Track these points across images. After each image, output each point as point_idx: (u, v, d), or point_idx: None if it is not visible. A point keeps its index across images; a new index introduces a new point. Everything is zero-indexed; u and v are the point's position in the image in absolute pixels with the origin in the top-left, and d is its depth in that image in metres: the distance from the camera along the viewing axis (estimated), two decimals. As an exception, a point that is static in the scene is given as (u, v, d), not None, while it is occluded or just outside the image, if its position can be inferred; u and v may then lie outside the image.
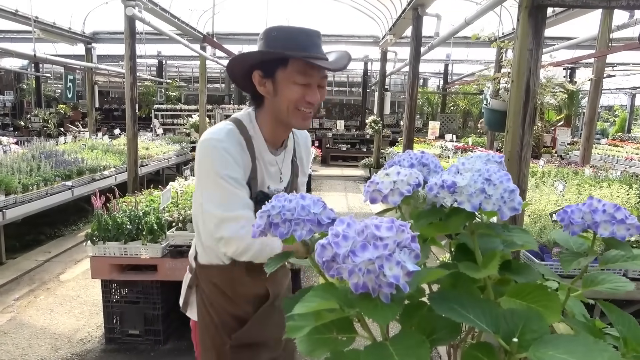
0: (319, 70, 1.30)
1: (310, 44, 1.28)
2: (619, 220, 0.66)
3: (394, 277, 0.56)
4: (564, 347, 0.61)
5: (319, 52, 1.30)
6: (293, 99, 1.30)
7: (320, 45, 1.32)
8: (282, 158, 1.45)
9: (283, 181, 1.46)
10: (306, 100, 1.30)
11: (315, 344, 0.73)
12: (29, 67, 15.60)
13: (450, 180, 0.73)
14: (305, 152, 1.58)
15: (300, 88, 1.29)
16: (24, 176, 5.06)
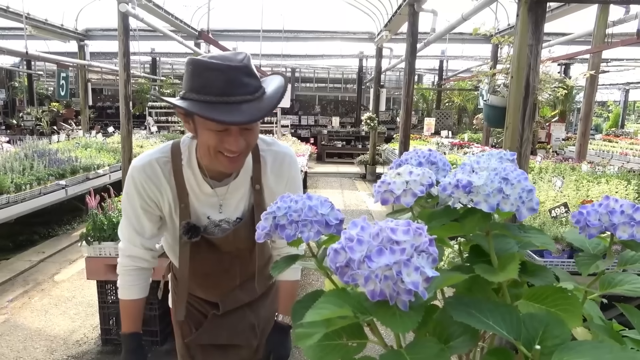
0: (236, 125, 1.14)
1: (223, 86, 1.09)
2: (639, 222, 0.63)
3: (413, 284, 0.53)
4: (590, 354, 0.58)
5: (237, 95, 1.10)
6: (211, 145, 1.17)
7: (246, 84, 1.11)
8: (225, 189, 1.33)
9: (225, 211, 1.34)
10: (225, 147, 1.16)
11: (324, 351, 0.70)
12: (21, 64, 15.43)
13: (465, 179, 0.70)
14: (277, 179, 1.36)
15: (216, 135, 1.15)
16: (16, 175, 4.99)
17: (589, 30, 6.33)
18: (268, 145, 1.38)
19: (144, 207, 1.32)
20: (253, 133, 1.20)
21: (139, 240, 1.36)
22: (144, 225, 1.35)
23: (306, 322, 0.67)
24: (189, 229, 1.29)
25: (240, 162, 1.24)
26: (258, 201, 1.35)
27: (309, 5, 9.63)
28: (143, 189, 1.29)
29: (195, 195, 1.32)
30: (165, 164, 1.30)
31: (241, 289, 1.51)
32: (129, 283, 1.41)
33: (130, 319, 1.41)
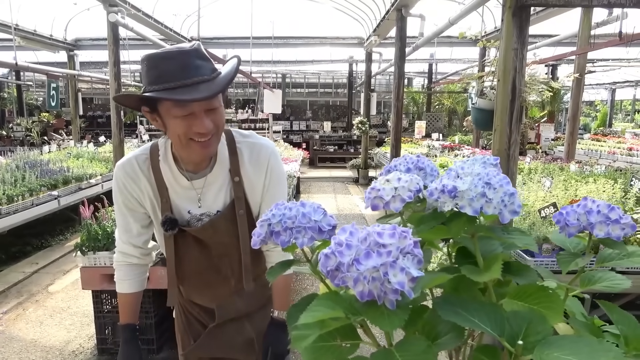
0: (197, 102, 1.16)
1: (179, 71, 1.13)
2: (614, 221, 0.67)
3: (399, 284, 0.56)
4: (568, 348, 0.61)
5: (192, 77, 1.13)
6: (180, 132, 1.20)
7: (199, 67, 1.15)
8: (202, 182, 1.35)
9: (203, 206, 1.36)
10: (194, 132, 1.19)
11: (319, 352, 0.73)
12: (10, 75, 15.34)
13: (450, 185, 0.74)
14: (255, 169, 1.37)
15: (182, 120, 1.18)
16: (8, 187, 4.98)
17: (574, 32, 6.44)
18: (244, 137, 1.40)
19: (127, 205, 1.37)
20: (218, 113, 1.22)
21: (126, 237, 1.42)
22: (130, 223, 1.40)
23: (301, 324, 0.70)
24: (165, 221, 1.33)
25: (212, 147, 1.26)
26: (238, 193, 1.35)
27: (298, 11, 9.69)
28: (124, 186, 1.35)
29: (174, 189, 1.35)
30: (144, 161, 1.34)
31: (239, 296, 1.50)
32: (121, 277, 1.47)
33: (125, 311, 1.47)
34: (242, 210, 1.36)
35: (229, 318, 1.51)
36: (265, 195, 1.40)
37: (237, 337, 1.52)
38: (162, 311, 3.19)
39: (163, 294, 3.09)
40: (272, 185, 1.39)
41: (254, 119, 12.50)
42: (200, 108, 1.18)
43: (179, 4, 8.27)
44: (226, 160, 1.35)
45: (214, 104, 1.20)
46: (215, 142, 1.27)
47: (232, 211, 1.36)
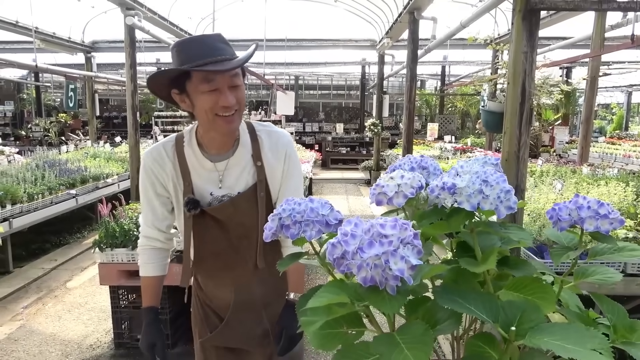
0: (222, 73, 1.28)
1: (206, 51, 1.27)
2: (603, 215, 0.71)
3: (399, 271, 0.62)
4: (558, 334, 0.66)
5: (216, 56, 1.26)
6: (207, 107, 1.30)
7: (222, 48, 1.29)
8: (224, 164, 1.44)
9: (224, 187, 1.44)
10: (220, 106, 1.30)
11: (326, 338, 0.79)
12: (29, 76, 15.67)
13: (450, 182, 0.79)
14: (275, 154, 1.47)
15: (209, 95, 1.29)
16: (29, 185, 5.12)
17: (588, 34, 6.40)
18: (263, 126, 1.52)
19: (154, 189, 1.46)
20: (240, 90, 1.34)
21: (151, 221, 1.50)
22: (156, 207, 1.49)
23: (309, 310, 0.76)
24: (188, 202, 1.40)
25: (235, 122, 1.36)
26: (260, 177, 1.45)
27: (311, 14, 9.77)
28: (151, 170, 1.44)
29: (197, 172, 1.44)
30: (170, 148, 1.45)
31: (256, 283, 1.52)
32: (145, 261, 1.53)
33: (147, 295, 1.53)
34: (263, 192, 1.45)
35: (246, 305, 1.53)
36: (283, 181, 1.49)
37: (255, 328, 1.55)
38: (177, 307, 3.27)
39: (178, 290, 3.17)
40: (290, 171, 1.50)
41: (266, 120, 12.60)
42: (225, 84, 1.29)
43: (193, 6, 8.40)
44: (248, 145, 1.46)
45: (237, 82, 1.32)
46: (238, 119, 1.37)
47: (254, 193, 1.44)
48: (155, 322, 1.50)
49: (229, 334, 1.54)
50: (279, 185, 1.49)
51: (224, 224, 1.45)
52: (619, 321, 0.74)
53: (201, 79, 1.28)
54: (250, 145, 1.46)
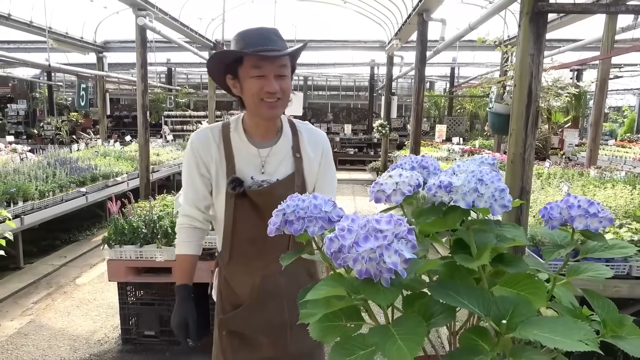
0: (272, 61, 1.40)
1: (261, 40, 1.40)
2: (592, 214, 0.74)
3: (393, 264, 0.64)
4: (547, 327, 0.69)
5: (270, 46, 1.39)
6: (254, 91, 1.42)
7: (275, 40, 1.42)
8: (267, 151, 1.54)
9: (266, 173, 1.53)
10: (265, 91, 1.41)
11: (326, 330, 0.82)
12: (42, 76, 15.88)
13: (446, 180, 0.82)
14: (314, 149, 1.59)
15: (257, 80, 1.41)
16: (40, 183, 5.20)
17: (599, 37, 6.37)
18: (303, 123, 1.65)
19: (198, 169, 1.54)
20: (285, 81, 1.45)
21: (192, 200, 1.57)
22: (198, 186, 1.55)
23: (310, 302, 0.79)
24: (232, 180, 1.48)
25: (278, 109, 1.47)
26: (298, 167, 1.55)
27: (320, 15, 9.81)
28: (197, 151, 1.53)
29: (240, 155, 1.53)
30: (217, 132, 1.55)
31: (283, 275, 1.51)
32: (183, 239, 1.59)
33: (182, 273, 1.59)
34: (300, 183, 1.54)
35: (269, 295, 1.54)
36: (320, 177, 1.60)
37: (274, 318, 1.55)
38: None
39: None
40: (326, 167, 1.62)
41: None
42: (272, 72, 1.41)
43: (204, 7, 8.48)
44: (289, 137, 1.57)
45: (283, 72, 1.43)
46: (281, 107, 1.47)
47: (292, 181, 1.53)
48: (187, 300, 1.55)
49: (247, 319, 1.55)
50: (315, 179, 1.59)
51: (262, 210, 1.49)
52: (609, 316, 0.77)
53: (251, 65, 1.40)
54: (291, 138, 1.57)
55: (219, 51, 1.45)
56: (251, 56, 1.40)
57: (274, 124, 1.55)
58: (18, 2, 7.60)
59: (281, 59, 1.42)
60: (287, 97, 1.48)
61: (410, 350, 0.65)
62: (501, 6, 4.38)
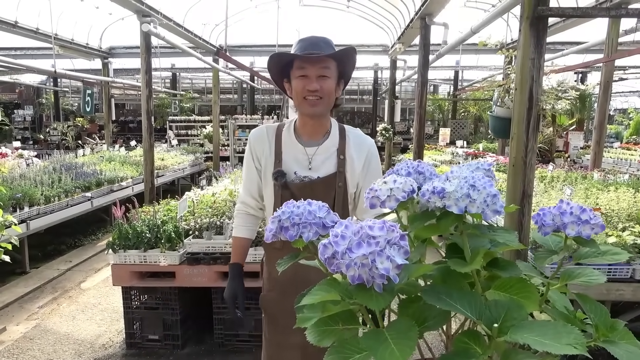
0: (313, 63, 1.55)
1: (308, 46, 1.57)
2: (584, 221, 0.75)
3: (385, 269, 0.66)
4: (537, 330, 0.70)
5: (315, 50, 1.55)
6: (298, 89, 1.59)
7: (321, 46, 1.57)
8: (314, 150, 1.68)
9: (312, 169, 1.67)
10: (307, 89, 1.57)
11: (323, 334, 0.83)
12: (48, 82, 16.02)
13: (440, 186, 0.83)
14: (358, 153, 1.69)
15: (301, 80, 1.58)
16: (46, 188, 5.25)
17: (602, 39, 6.37)
18: (354, 130, 1.78)
19: (253, 162, 1.73)
20: (326, 82, 1.59)
21: (248, 189, 1.76)
22: (253, 177, 1.74)
23: (307, 307, 0.80)
24: (277, 172, 1.65)
25: (318, 107, 1.61)
26: (340, 168, 1.67)
27: (323, 20, 9.85)
28: (253, 145, 1.73)
29: (288, 152, 1.69)
30: (271, 130, 1.74)
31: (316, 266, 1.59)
32: (239, 223, 1.80)
33: (235, 253, 1.80)
34: (342, 183, 1.66)
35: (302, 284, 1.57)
36: (366, 180, 1.70)
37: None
38: (187, 309, 3.33)
39: (188, 291, 3.25)
40: (371, 171, 1.71)
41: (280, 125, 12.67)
42: (314, 73, 1.57)
43: (207, 13, 8.54)
44: (336, 139, 1.70)
45: (325, 73, 1.58)
46: (322, 105, 1.61)
47: (333, 181, 1.66)
48: (239, 276, 1.75)
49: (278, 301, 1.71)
50: (357, 180, 1.69)
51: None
52: (601, 321, 0.77)
53: (297, 67, 1.58)
54: (338, 140, 1.70)
55: (273, 54, 1.61)
56: (297, 59, 1.57)
57: (320, 125, 1.69)
58: (24, 10, 7.68)
59: (322, 61, 1.56)
60: (329, 96, 1.61)
61: (402, 354, 0.66)
62: (503, 10, 4.39)
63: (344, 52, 1.59)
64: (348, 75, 1.69)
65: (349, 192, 1.67)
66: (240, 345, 3.26)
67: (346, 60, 1.63)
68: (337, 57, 1.59)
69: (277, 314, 1.73)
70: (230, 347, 3.26)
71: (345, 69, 1.65)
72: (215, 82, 10.09)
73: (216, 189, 4.53)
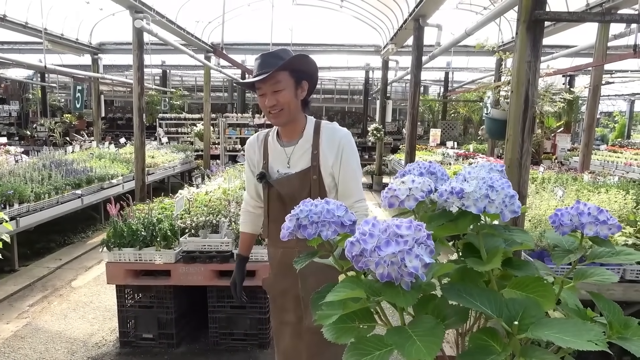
0: (265, 82, 1.72)
1: (258, 67, 1.74)
2: (602, 221, 0.77)
3: (414, 268, 0.67)
4: (557, 328, 0.72)
5: (265, 69, 1.70)
6: (261, 106, 1.81)
7: (271, 63, 1.71)
8: (291, 149, 1.86)
9: (291, 166, 1.86)
10: (266, 106, 1.76)
11: (340, 331, 0.84)
12: (35, 77, 15.78)
13: (458, 187, 0.84)
14: (329, 145, 1.82)
15: (261, 99, 1.78)
16: (36, 185, 5.18)
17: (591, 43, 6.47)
18: (329, 124, 1.90)
19: (250, 166, 1.98)
20: (281, 94, 1.74)
21: (248, 190, 2.03)
22: (250, 180, 1.99)
23: (326, 304, 0.81)
24: (259, 174, 1.88)
25: (280, 118, 1.79)
26: (314, 162, 1.83)
27: (316, 19, 9.86)
28: (247, 152, 1.99)
29: (272, 154, 1.90)
30: (261, 136, 1.97)
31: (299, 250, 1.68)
32: (243, 220, 2.08)
33: (240, 245, 2.10)
34: (316, 176, 1.82)
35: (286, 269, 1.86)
36: (341, 170, 1.83)
37: (289, 291, 1.90)
38: (182, 308, 3.32)
39: (184, 290, 3.24)
40: (345, 161, 1.83)
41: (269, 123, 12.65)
42: (268, 90, 1.74)
43: (200, 10, 8.49)
44: (310, 137, 1.85)
45: (277, 87, 1.73)
46: (283, 116, 1.78)
47: (307, 174, 1.83)
48: (240, 266, 2.04)
49: (272, 283, 1.99)
50: (331, 172, 1.82)
51: (283, 197, 1.85)
52: (615, 318, 0.80)
53: (256, 87, 1.75)
54: (312, 137, 1.84)
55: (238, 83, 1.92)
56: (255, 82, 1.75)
57: (293, 127, 1.85)
58: (14, 3, 7.56)
59: (272, 78, 1.71)
60: (288, 105, 1.77)
61: (428, 351, 0.67)
62: (498, 13, 4.44)
63: (290, 62, 1.71)
64: (308, 74, 1.82)
65: (325, 182, 1.83)
66: (235, 344, 3.25)
67: (297, 66, 1.76)
68: (286, 68, 1.72)
69: (275, 295, 1.99)
70: (225, 346, 3.25)
71: (301, 71, 1.78)
72: (206, 80, 10.04)
73: (209, 187, 4.52)
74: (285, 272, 1.89)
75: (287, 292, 1.92)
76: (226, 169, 6.00)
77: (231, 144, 11.80)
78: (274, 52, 1.76)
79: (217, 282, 3.11)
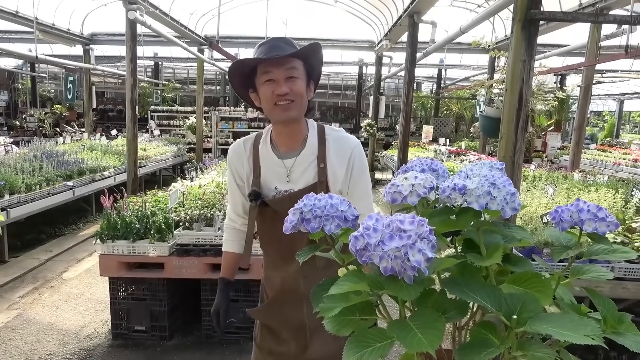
0: (278, 65, 1.43)
1: (269, 49, 1.45)
2: (601, 219, 0.79)
3: (417, 262, 0.69)
4: (555, 322, 0.74)
5: (277, 52, 1.43)
6: (267, 96, 1.46)
7: (283, 47, 1.46)
8: (292, 162, 1.55)
9: (291, 181, 1.55)
10: (276, 94, 1.44)
11: (341, 324, 0.86)
12: (24, 66, 15.57)
13: (461, 183, 0.86)
14: (339, 157, 1.55)
15: (268, 85, 1.45)
16: (27, 176, 5.13)
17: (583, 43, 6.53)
18: (334, 131, 1.63)
19: (234, 179, 1.65)
20: (295, 83, 1.46)
21: (232, 206, 1.71)
22: (235, 195, 1.67)
23: (327, 297, 0.83)
24: (250, 194, 1.56)
25: (292, 111, 1.48)
26: (321, 177, 1.54)
27: (311, 13, 9.83)
28: (231, 163, 1.64)
29: (266, 167, 1.58)
30: (249, 143, 1.62)
31: (304, 277, 1.58)
32: (226, 238, 1.76)
33: (223, 267, 1.76)
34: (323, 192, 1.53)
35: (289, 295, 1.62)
36: (350, 187, 1.57)
37: (292, 318, 1.62)
38: (175, 300, 3.32)
39: (177, 283, 3.24)
40: (356, 177, 1.57)
41: (262, 117, 12.50)
42: (281, 76, 1.44)
43: (193, 3, 8.43)
44: (315, 146, 1.56)
45: (293, 74, 1.46)
46: (295, 109, 1.48)
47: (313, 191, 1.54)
48: (222, 291, 1.71)
49: (267, 313, 1.68)
50: (341, 188, 1.56)
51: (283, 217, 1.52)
52: (609, 313, 0.82)
53: (262, 72, 1.45)
54: (317, 147, 1.55)
55: (234, 63, 1.48)
56: (261, 64, 1.45)
57: (296, 132, 1.56)
58: (4, -9, 7.46)
59: (288, 62, 1.44)
60: (301, 98, 1.49)
61: (430, 343, 0.69)
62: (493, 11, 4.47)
63: (309, 49, 1.48)
64: (317, 73, 1.57)
65: None
66: (227, 336, 3.26)
67: (313, 57, 1.51)
68: (302, 54, 1.47)
69: (271, 324, 1.68)
70: (217, 338, 3.26)
71: (313, 67, 1.53)
72: (200, 72, 9.99)
73: (203, 180, 4.51)
74: (284, 300, 1.64)
75: (287, 320, 1.64)
76: (219, 163, 5.99)
77: (223, 138, 11.77)
78: (286, 38, 1.50)
79: (210, 275, 3.11)
